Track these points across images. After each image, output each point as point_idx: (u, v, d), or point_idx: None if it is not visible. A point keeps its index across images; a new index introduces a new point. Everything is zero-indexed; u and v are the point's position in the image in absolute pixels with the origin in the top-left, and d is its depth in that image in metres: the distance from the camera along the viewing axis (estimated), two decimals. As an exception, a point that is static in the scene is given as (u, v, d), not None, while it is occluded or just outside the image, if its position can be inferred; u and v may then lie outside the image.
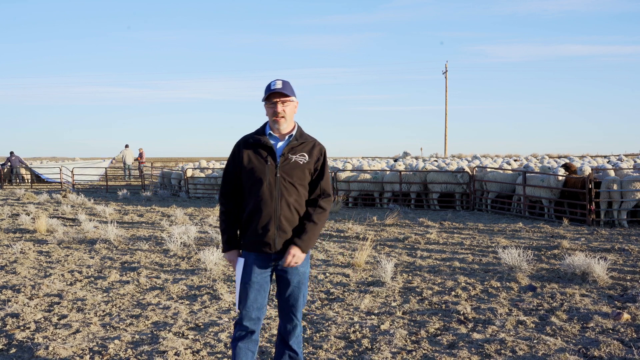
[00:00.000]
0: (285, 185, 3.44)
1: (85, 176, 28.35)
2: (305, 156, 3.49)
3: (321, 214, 3.52)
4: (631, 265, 7.81)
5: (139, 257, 8.84)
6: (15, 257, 8.96)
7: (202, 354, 4.66)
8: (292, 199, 3.45)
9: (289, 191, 3.45)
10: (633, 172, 13.69)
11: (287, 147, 3.48)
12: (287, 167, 3.45)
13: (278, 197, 3.43)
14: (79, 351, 4.75)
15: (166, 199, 20.59)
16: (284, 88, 3.44)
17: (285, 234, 3.44)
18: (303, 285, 3.56)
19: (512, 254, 7.69)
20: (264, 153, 3.47)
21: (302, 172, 3.47)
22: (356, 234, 11.04)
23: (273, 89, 3.43)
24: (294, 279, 3.51)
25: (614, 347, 4.61)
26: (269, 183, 3.43)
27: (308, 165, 3.49)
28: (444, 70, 49.07)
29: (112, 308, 6.08)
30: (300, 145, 3.51)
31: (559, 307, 5.84)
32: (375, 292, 6.57)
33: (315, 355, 4.62)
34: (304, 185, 3.50)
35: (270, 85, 3.47)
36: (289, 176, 3.45)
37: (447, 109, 49.37)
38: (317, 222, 3.50)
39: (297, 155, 3.48)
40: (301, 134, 3.56)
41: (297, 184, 3.46)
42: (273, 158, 3.46)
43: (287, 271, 3.49)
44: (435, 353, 4.60)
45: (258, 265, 3.48)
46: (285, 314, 3.60)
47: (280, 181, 3.43)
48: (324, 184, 3.55)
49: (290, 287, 3.52)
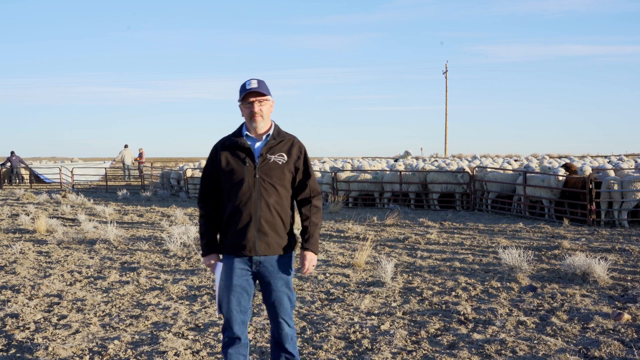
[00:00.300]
0: (264, 186, 3.39)
1: (84, 176, 28.34)
2: (284, 156, 3.43)
3: (318, 213, 3.52)
4: (632, 266, 7.80)
5: (138, 258, 8.83)
6: (15, 257, 8.95)
7: (202, 354, 4.65)
8: (272, 200, 3.39)
9: (269, 192, 3.39)
10: (634, 172, 13.68)
11: (265, 147, 3.43)
12: (266, 168, 3.40)
13: (257, 198, 3.37)
14: (78, 351, 4.74)
15: (166, 199, 20.59)
16: (260, 87, 3.40)
17: (266, 236, 3.38)
18: (287, 288, 3.47)
19: (512, 254, 7.68)
20: (242, 154, 3.42)
21: (282, 172, 3.42)
22: (356, 234, 11.03)
23: (249, 89, 3.38)
24: (277, 283, 3.44)
25: (614, 347, 4.60)
26: (248, 184, 3.38)
27: (288, 165, 3.44)
28: (444, 70, 49.10)
29: (112, 308, 6.07)
30: (278, 145, 3.45)
31: (560, 308, 5.83)
32: (375, 292, 6.56)
33: (315, 355, 4.61)
34: (284, 186, 3.44)
35: (245, 85, 3.41)
36: (269, 177, 3.40)
37: (447, 109, 49.43)
38: (317, 222, 3.51)
39: (275, 155, 3.42)
40: (279, 132, 3.50)
41: (277, 184, 3.41)
42: (251, 159, 3.41)
43: (270, 275, 3.42)
44: (436, 353, 4.59)
45: (239, 269, 3.41)
46: (274, 320, 3.52)
47: (260, 182, 3.38)
48: (312, 183, 3.51)
49: (275, 291, 3.44)
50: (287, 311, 3.49)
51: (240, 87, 3.46)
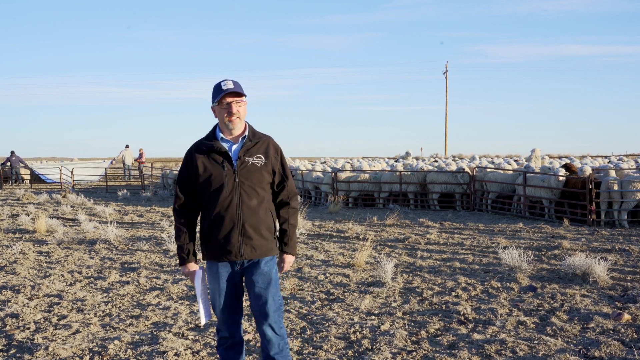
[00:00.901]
0: (245, 189, 3.31)
1: (85, 176, 28.35)
2: (261, 158, 3.36)
3: (295, 215, 3.52)
4: (632, 266, 7.80)
5: (138, 258, 8.84)
6: (15, 257, 8.95)
7: (202, 354, 4.65)
8: (253, 203, 3.32)
9: (250, 195, 3.32)
10: (634, 172, 13.68)
11: (242, 149, 3.34)
12: (244, 171, 3.32)
13: (239, 202, 3.30)
14: (78, 352, 4.74)
15: (166, 199, 20.59)
16: (236, 87, 3.32)
17: (251, 240, 3.32)
18: (271, 287, 3.38)
19: (512, 255, 7.68)
20: (220, 158, 3.33)
21: (261, 174, 3.35)
22: (356, 234, 11.03)
23: (226, 90, 3.29)
24: (259, 280, 3.36)
25: (614, 347, 4.60)
26: (228, 189, 3.30)
27: (266, 167, 3.38)
28: (444, 70, 49.11)
29: (112, 308, 6.07)
30: (255, 146, 3.38)
31: (560, 308, 5.83)
32: (375, 292, 6.56)
33: (315, 355, 4.61)
34: (263, 188, 3.38)
35: (221, 85, 3.33)
36: (249, 180, 3.32)
37: (447, 109, 49.46)
38: (295, 224, 3.52)
39: (253, 157, 3.35)
40: (254, 134, 3.42)
41: (257, 187, 3.34)
42: (229, 163, 3.32)
43: (255, 276, 3.36)
44: (436, 353, 4.60)
45: (225, 272, 3.37)
46: (259, 323, 3.42)
47: (240, 186, 3.31)
48: (289, 184, 3.48)
49: (260, 292, 3.36)
50: (273, 316, 3.38)
51: (214, 87, 3.37)
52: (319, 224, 12.69)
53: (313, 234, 11.23)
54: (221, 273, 3.37)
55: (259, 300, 3.37)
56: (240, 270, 3.40)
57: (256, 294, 3.37)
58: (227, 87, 3.31)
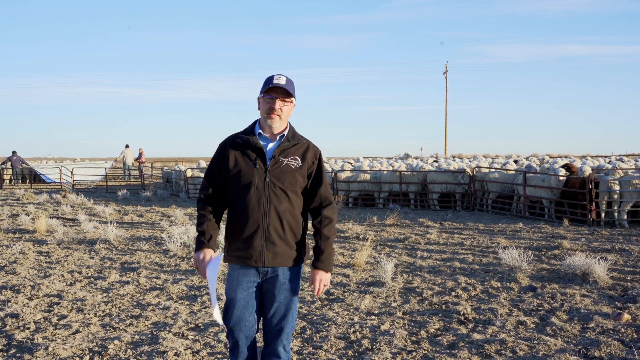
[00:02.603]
0: (275, 191, 3.09)
1: (85, 176, 28.35)
2: (297, 160, 3.14)
3: (329, 225, 3.19)
4: (632, 266, 7.81)
5: (138, 258, 8.84)
6: (15, 257, 8.95)
7: (202, 354, 4.65)
8: (282, 207, 3.10)
9: (279, 198, 3.09)
10: (634, 172, 13.69)
11: (278, 148, 3.13)
12: (277, 172, 3.10)
13: (267, 204, 3.08)
14: (78, 351, 4.74)
15: (166, 199, 20.59)
16: (287, 85, 3.12)
17: (274, 246, 3.08)
18: (292, 303, 3.16)
19: (512, 255, 7.68)
20: (253, 155, 3.12)
21: (294, 177, 3.12)
22: (356, 234, 11.03)
23: (275, 84, 3.09)
24: (281, 295, 3.14)
25: (614, 347, 4.60)
26: (257, 188, 3.08)
27: (301, 170, 3.14)
28: (444, 70, 49.09)
29: (112, 308, 6.07)
30: (292, 147, 3.16)
31: (560, 308, 5.83)
32: (375, 292, 6.56)
33: (315, 355, 4.61)
34: (295, 192, 3.14)
35: (272, 78, 3.12)
36: (280, 181, 3.09)
37: (447, 109, 49.42)
38: (329, 236, 3.18)
39: (288, 158, 3.13)
40: (293, 135, 3.20)
41: (288, 190, 3.11)
42: (262, 161, 3.11)
43: (275, 288, 3.13)
44: (436, 353, 4.59)
45: (244, 280, 3.13)
46: (270, 337, 3.18)
47: (270, 187, 3.08)
48: (323, 191, 3.19)
49: (276, 303, 3.14)
50: (287, 333, 3.17)
51: (266, 78, 3.17)
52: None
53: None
54: (240, 282, 3.14)
55: (278, 315, 3.16)
56: (261, 280, 3.16)
57: (276, 308, 3.15)
58: (278, 82, 3.11)
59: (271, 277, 3.15)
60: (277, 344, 3.18)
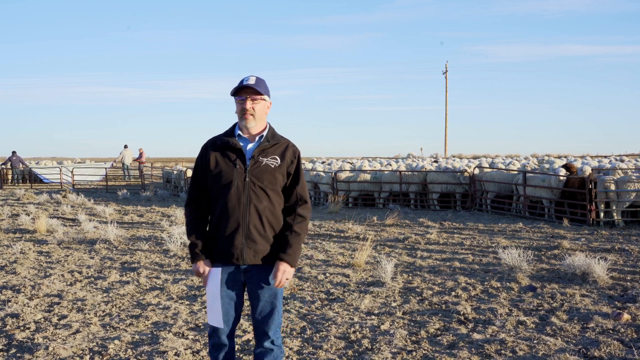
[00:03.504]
0: (254, 190, 3.17)
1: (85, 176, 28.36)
2: (277, 159, 3.22)
3: (302, 223, 3.26)
4: (631, 266, 7.81)
5: (139, 258, 8.84)
6: (15, 257, 8.96)
7: (202, 354, 4.66)
8: (262, 206, 3.18)
9: (259, 197, 3.18)
10: (634, 172, 13.70)
11: (257, 148, 3.22)
12: (257, 171, 3.18)
13: (247, 203, 3.16)
14: (79, 351, 4.74)
15: (166, 199, 20.60)
16: (257, 85, 3.21)
17: (255, 244, 3.17)
18: (276, 300, 3.26)
19: (512, 254, 7.69)
20: (233, 156, 3.21)
21: (274, 176, 3.20)
22: (356, 234, 11.03)
23: (244, 84, 3.20)
24: (265, 294, 3.23)
25: (614, 347, 4.61)
26: (237, 188, 3.16)
27: (280, 169, 3.22)
28: (444, 70, 49.13)
29: (112, 308, 6.07)
30: (272, 147, 3.25)
31: (559, 308, 5.84)
32: (375, 292, 6.57)
33: (315, 355, 4.62)
34: (275, 191, 3.22)
35: (242, 80, 3.24)
36: (259, 180, 3.18)
37: (447, 109, 49.45)
38: (299, 232, 3.24)
39: (268, 157, 3.21)
40: (273, 135, 3.29)
41: (268, 189, 3.19)
42: (242, 161, 3.20)
43: (257, 285, 3.22)
44: (436, 353, 4.60)
45: (227, 278, 3.23)
46: (259, 334, 3.30)
47: (250, 186, 3.17)
48: (300, 190, 3.27)
49: (261, 302, 3.23)
50: (274, 327, 3.27)
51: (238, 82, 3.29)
52: (318, 224, 12.69)
53: (313, 234, 11.24)
54: (223, 279, 3.23)
55: (264, 312, 3.25)
56: (244, 279, 3.26)
57: (261, 306, 3.25)
58: (248, 82, 3.21)
59: (253, 275, 3.24)
60: (266, 340, 3.28)
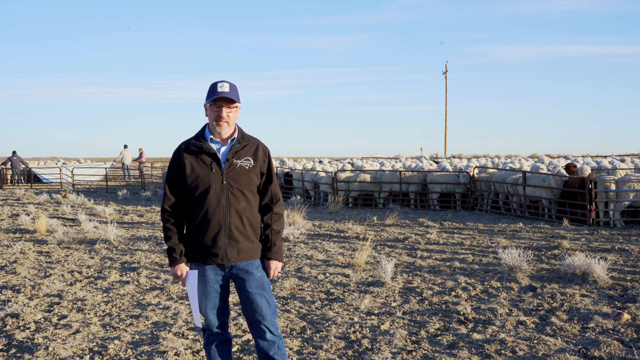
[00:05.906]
0: (232, 192, 3.30)
1: (85, 177, 28.36)
2: (250, 160, 3.36)
3: (279, 221, 3.46)
4: (631, 266, 7.81)
5: (139, 258, 8.84)
6: (15, 257, 8.96)
7: (202, 354, 4.66)
8: (241, 207, 3.31)
9: (237, 198, 3.31)
10: (634, 172, 13.70)
11: (230, 151, 3.33)
12: (233, 174, 3.31)
13: (227, 205, 3.29)
14: (79, 351, 4.74)
15: (166, 199, 20.57)
16: (231, 93, 3.30)
17: (237, 243, 3.31)
18: (264, 290, 3.38)
19: (512, 254, 7.69)
20: (208, 160, 3.31)
21: (249, 177, 3.34)
22: (356, 234, 11.03)
23: (220, 93, 3.27)
24: (252, 285, 3.36)
25: (614, 347, 4.61)
26: (215, 191, 3.28)
27: (254, 169, 3.36)
28: (444, 70, 49.15)
29: (112, 308, 6.07)
30: (243, 149, 3.37)
31: (559, 308, 5.84)
32: (375, 292, 6.57)
33: (315, 355, 4.62)
34: (252, 191, 3.37)
35: (216, 87, 3.30)
36: (236, 182, 3.31)
37: (447, 109, 49.48)
38: (278, 230, 3.45)
39: (242, 159, 3.34)
40: (243, 136, 3.40)
41: (245, 190, 3.33)
42: (218, 164, 3.31)
43: (244, 279, 3.35)
44: (436, 353, 4.60)
45: (212, 275, 3.35)
46: (255, 327, 3.42)
47: (228, 188, 3.29)
48: (273, 188, 3.44)
49: (250, 294, 3.36)
50: (268, 316, 3.39)
51: (210, 86, 3.34)
52: (318, 224, 12.69)
53: (313, 233, 11.24)
54: (209, 276, 3.35)
55: (255, 305, 3.36)
56: (228, 274, 3.39)
57: (251, 299, 3.36)
58: (222, 90, 3.28)
59: (238, 272, 3.37)
60: (264, 331, 3.40)
